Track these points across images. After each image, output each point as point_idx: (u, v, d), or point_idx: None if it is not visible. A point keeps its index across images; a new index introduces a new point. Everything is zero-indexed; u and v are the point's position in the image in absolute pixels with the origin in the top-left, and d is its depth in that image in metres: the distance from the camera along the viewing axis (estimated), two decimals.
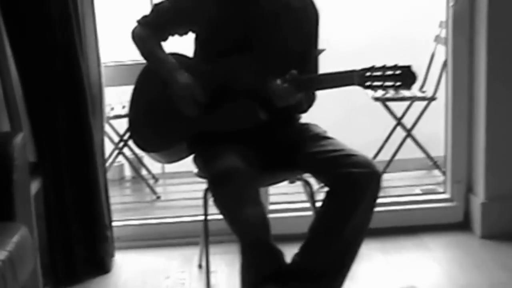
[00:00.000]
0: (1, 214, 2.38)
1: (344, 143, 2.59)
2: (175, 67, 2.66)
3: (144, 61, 2.81)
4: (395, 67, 2.33)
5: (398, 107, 4.37)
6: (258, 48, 2.61)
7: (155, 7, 2.76)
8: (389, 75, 2.33)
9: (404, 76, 2.32)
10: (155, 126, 2.78)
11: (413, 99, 4.31)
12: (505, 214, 3.32)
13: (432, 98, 4.25)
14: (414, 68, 2.33)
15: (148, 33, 2.72)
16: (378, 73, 2.34)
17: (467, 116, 3.40)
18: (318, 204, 2.57)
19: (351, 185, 2.42)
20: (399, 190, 4.11)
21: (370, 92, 4.19)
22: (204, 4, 2.65)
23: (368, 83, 2.36)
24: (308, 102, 2.70)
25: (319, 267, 2.48)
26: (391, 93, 4.22)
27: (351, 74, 2.38)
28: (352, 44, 7.17)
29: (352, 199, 2.44)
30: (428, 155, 4.41)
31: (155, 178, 4.72)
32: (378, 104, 4.32)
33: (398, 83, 2.33)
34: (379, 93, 4.15)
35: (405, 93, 4.25)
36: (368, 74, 2.36)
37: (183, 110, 2.64)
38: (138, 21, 2.77)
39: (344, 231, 2.45)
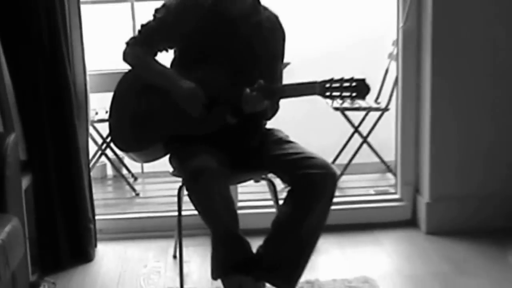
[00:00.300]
0: None
1: (305, 146, 2.62)
2: (176, 76, 2.64)
3: (124, 70, 2.81)
4: (351, 80, 2.38)
5: (355, 116, 4.40)
6: (231, 59, 2.63)
7: (142, 27, 2.73)
8: (346, 87, 2.38)
9: (359, 88, 2.38)
10: (134, 128, 2.77)
11: (369, 109, 4.32)
12: (447, 212, 3.36)
13: (386, 109, 4.25)
14: (368, 81, 2.39)
15: (140, 51, 2.70)
16: (337, 85, 2.39)
17: (414, 125, 3.42)
18: (281, 201, 2.60)
19: (309, 185, 2.46)
20: (355, 190, 4.12)
21: (330, 102, 4.23)
22: (187, 20, 2.65)
23: (327, 93, 2.41)
24: (272, 111, 2.72)
25: (281, 258, 2.51)
26: (348, 102, 4.25)
27: (313, 85, 2.43)
28: (314, 57, 7.22)
29: (310, 197, 2.47)
30: (382, 160, 4.42)
31: (135, 176, 4.69)
32: (338, 113, 4.37)
33: (354, 94, 2.38)
34: (338, 102, 4.20)
35: (362, 103, 4.28)
36: (327, 85, 2.40)
37: (192, 113, 2.60)
38: (127, 42, 2.74)
39: (303, 226, 2.48)
